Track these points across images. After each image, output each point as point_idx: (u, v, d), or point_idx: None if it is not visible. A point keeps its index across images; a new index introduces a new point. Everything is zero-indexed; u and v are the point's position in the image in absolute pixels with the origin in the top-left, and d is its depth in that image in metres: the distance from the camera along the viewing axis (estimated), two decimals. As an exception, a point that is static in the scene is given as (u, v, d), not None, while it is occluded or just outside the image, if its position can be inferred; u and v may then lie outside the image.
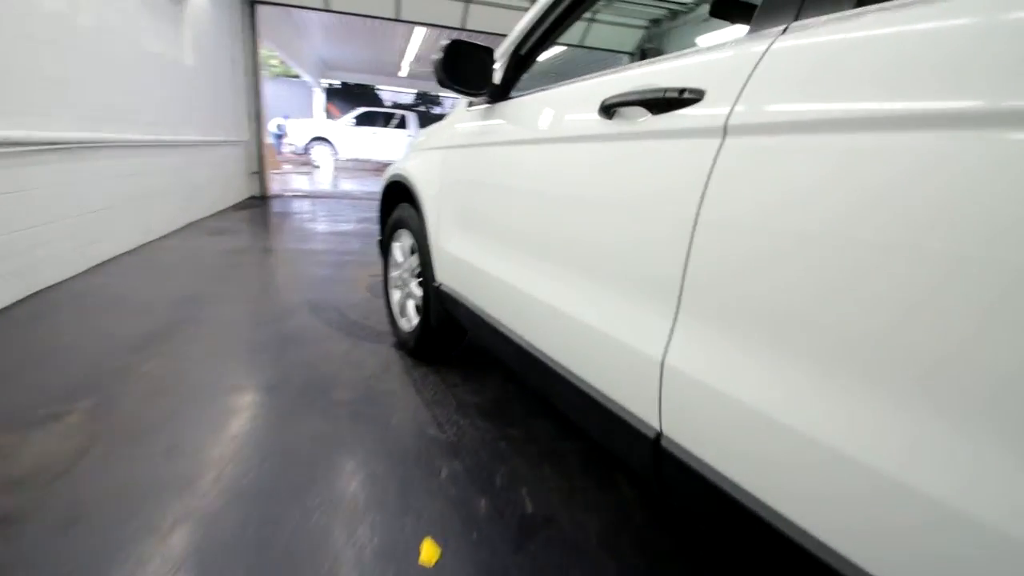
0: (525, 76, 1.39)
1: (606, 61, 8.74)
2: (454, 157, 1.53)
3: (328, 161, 12.19)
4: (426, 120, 13.59)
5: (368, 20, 7.59)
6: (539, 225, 1.10)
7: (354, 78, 17.19)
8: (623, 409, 0.83)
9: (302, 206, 6.19)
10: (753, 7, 1.38)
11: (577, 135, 0.98)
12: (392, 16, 6.50)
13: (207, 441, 1.37)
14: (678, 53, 0.80)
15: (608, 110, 0.87)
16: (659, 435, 0.76)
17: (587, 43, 8.05)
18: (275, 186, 7.30)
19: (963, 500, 0.44)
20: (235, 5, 5.91)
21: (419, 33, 9.34)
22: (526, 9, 6.98)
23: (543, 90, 1.19)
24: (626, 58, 8.40)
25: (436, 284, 1.61)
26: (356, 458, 1.34)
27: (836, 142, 0.55)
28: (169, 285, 2.72)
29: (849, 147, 0.54)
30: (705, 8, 6.95)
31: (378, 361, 1.92)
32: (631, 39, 8.24)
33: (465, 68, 1.27)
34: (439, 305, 1.64)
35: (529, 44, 1.30)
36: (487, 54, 1.28)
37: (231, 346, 2.00)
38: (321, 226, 4.90)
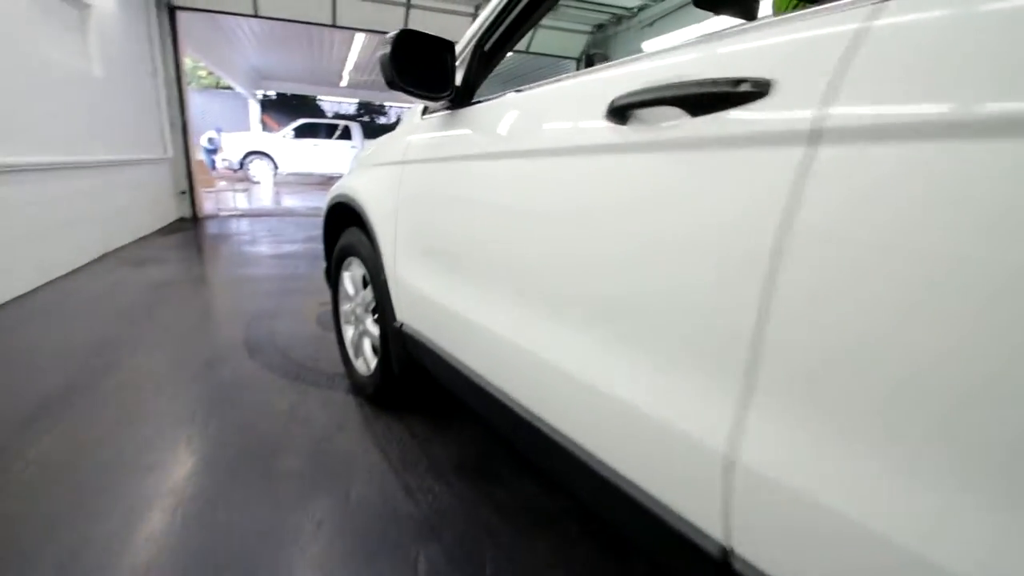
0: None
1: (547, 69, 8.64)
2: (411, 175, 1.29)
3: (268, 176, 11.54)
4: (371, 130, 13.14)
5: (303, 27, 7.19)
6: (528, 262, 0.88)
7: (291, 88, 16.47)
8: (668, 511, 0.62)
9: (240, 226, 5.72)
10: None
11: (575, 146, 0.77)
12: (328, 22, 6.15)
13: (114, 549, 1.06)
14: (714, 33, 0.60)
15: (621, 112, 0.66)
16: (727, 553, 0.56)
17: (532, 49, 7.95)
18: (209, 205, 6.76)
19: None
20: (151, 11, 5.41)
21: (359, 40, 8.97)
22: (472, 14, 6.79)
23: (518, 91, 0.98)
24: (572, 64, 8.37)
25: (397, 325, 1.36)
26: (310, 556, 1.07)
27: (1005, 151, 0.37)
28: (78, 331, 2.32)
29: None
30: (650, 12, 7.00)
31: (332, 414, 1.64)
32: (577, 45, 8.22)
33: (420, 66, 1.03)
34: (402, 349, 1.39)
35: (495, 37, 1.08)
36: (447, 49, 1.06)
37: (150, 408, 1.66)
38: (262, 248, 4.50)
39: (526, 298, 0.89)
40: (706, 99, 0.55)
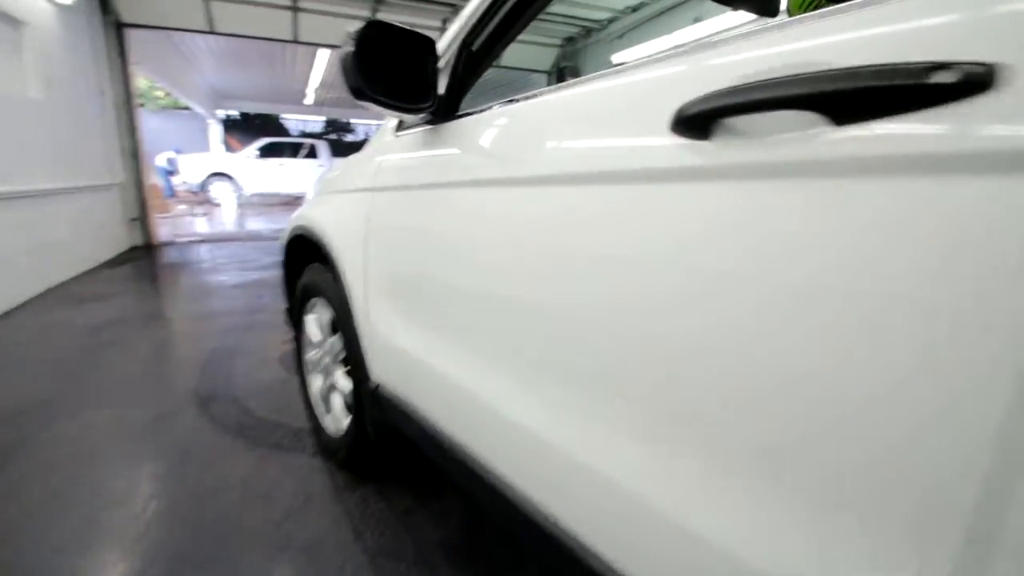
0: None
1: (515, 85, 8.51)
2: (383, 205, 1.07)
3: (230, 198, 11.08)
4: (339, 148, 12.81)
5: (263, 44, 6.91)
6: (543, 325, 0.67)
7: (254, 108, 16.02)
8: None
9: (199, 253, 5.36)
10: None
11: (619, 170, 0.56)
12: (289, 38, 5.90)
13: None
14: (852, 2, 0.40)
15: (699, 122, 0.45)
16: None
17: (502, 63, 7.86)
18: (165, 232, 6.37)
19: None
20: (98, 29, 5.06)
21: (323, 56, 8.71)
22: (440, 28, 6.66)
23: (513, 101, 0.77)
24: (543, 77, 8.30)
25: (372, 385, 1.12)
26: None
27: None
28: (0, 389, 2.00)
29: None
30: (620, 24, 6.98)
31: (297, 485, 1.38)
32: (547, 58, 8.17)
33: (393, 69, 0.81)
34: (379, 414, 1.15)
35: (485, 34, 0.87)
36: (427, 48, 0.84)
37: (77, 490, 1.37)
38: (221, 277, 4.17)
39: (544, 373, 0.67)
40: (870, 98, 0.35)
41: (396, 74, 0.81)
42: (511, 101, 0.77)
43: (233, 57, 9.02)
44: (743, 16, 5.62)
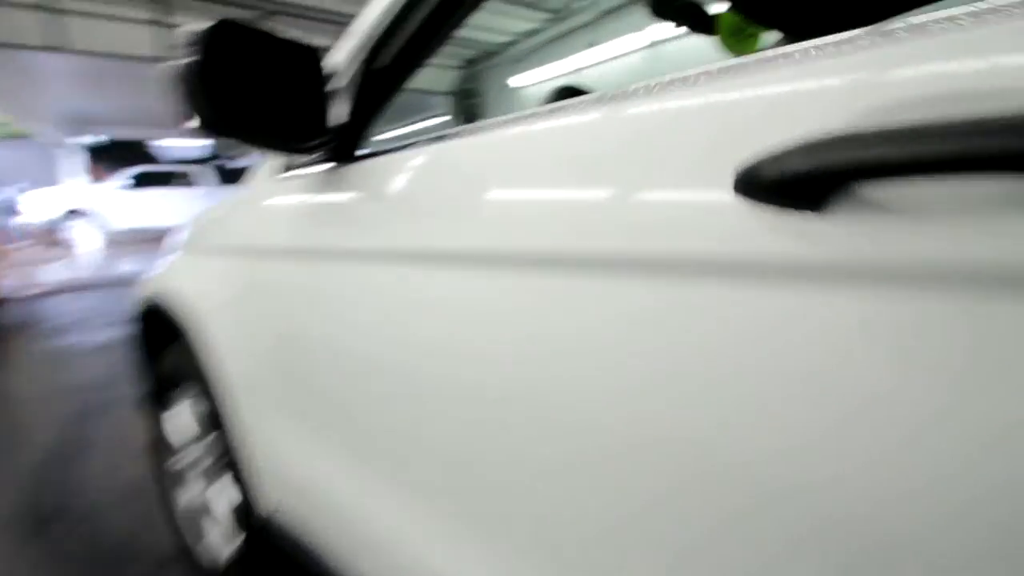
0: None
1: (408, 107, 8.24)
2: (265, 274, 0.78)
3: (93, 238, 9.68)
4: (229, 176, 11.60)
5: (131, 63, 6.11)
6: (504, 464, 0.46)
7: (124, 133, 14.30)
8: None
9: (47, 309, 4.50)
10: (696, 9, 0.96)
11: (637, 254, 0.35)
12: (153, 54, 5.25)
13: None
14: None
15: (802, 185, 0.26)
16: None
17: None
18: (3, 285, 5.31)
19: None
20: None
21: (201, 79, 7.94)
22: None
23: (444, 138, 0.55)
24: (445, 99, 8.19)
25: (264, 515, 0.82)
26: None
27: None
28: None
29: None
30: (519, 48, 7.05)
31: (165, 646, 1.03)
32: (446, 81, 8.08)
33: (258, 91, 0.55)
34: (276, 546, 0.85)
35: (397, 46, 0.64)
36: (308, 61, 0.59)
37: None
38: (76, 338, 3.48)
39: (499, 526, 0.46)
40: None
41: (265, 98, 0.56)
42: (441, 137, 0.55)
43: (93, 77, 7.91)
44: (637, 42, 5.86)
